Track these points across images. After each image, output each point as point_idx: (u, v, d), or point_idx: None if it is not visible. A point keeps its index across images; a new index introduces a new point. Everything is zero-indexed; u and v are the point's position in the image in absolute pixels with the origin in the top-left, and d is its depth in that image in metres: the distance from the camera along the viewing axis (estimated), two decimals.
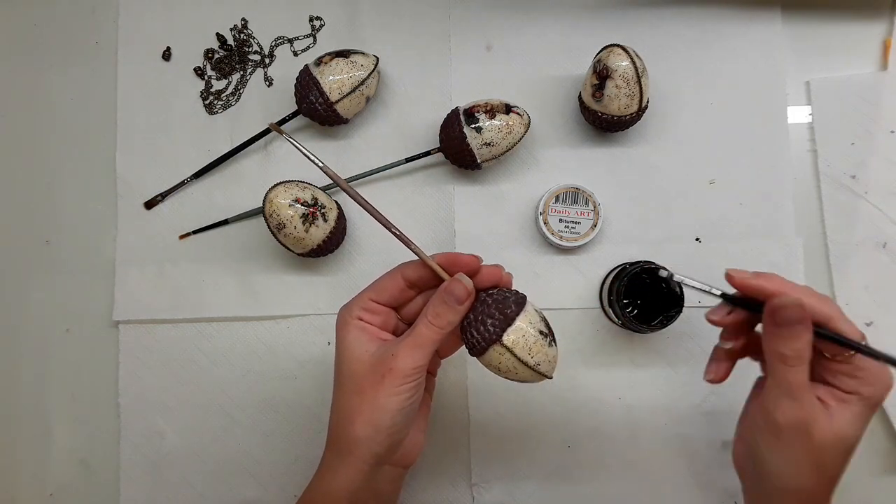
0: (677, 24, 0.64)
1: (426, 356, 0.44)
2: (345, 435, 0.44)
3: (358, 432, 0.43)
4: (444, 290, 0.44)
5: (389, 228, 0.46)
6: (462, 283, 0.44)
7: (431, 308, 0.44)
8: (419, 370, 0.43)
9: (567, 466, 0.62)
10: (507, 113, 0.58)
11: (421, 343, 0.44)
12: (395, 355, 0.43)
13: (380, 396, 0.43)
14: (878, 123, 0.62)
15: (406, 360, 0.43)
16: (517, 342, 0.43)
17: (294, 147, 0.44)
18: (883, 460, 0.61)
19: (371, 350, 0.44)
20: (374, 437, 0.43)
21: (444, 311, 0.44)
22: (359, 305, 0.46)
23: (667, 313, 0.56)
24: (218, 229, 0.64)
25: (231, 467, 0.63)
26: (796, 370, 0.42)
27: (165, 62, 0.66)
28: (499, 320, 0.44)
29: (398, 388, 0.43)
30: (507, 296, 0.45)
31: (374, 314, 0.46)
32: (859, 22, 0.64)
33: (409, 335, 0.44)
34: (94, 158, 0.65)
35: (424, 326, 0.44)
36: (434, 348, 0.44)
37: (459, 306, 0.44)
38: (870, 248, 0.62)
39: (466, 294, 0.44)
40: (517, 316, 0.44)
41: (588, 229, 0.61)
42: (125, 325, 0.63)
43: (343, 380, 0.45)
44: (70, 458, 0.63)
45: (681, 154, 0.63)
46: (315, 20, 0.66)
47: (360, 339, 0.45)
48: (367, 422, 0.43)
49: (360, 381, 0.44)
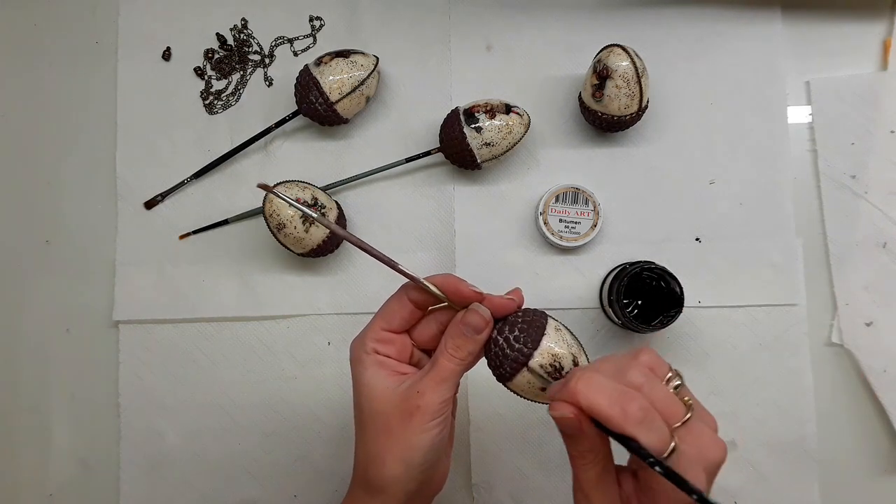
0: (677, 24, 0.64)
1: (452, 388, 0.43)
2: (376, 475, 0.43)
3: (390, 472, 0.42)
4: (462, 321, 0.43)
5: (394, 267, 0.43)
6: (479, 313, 0.43)
7: (451, 340, 0.43)
8: (446, 404, 0.42)
9: (567, 466, 0.61)
10: (507, 113, 0.58)
11: (445, 377, 0.42)
12: (420, 392, 0.42)
13: (410, 436, 0.42)
14: (878, 123, 0.62)
15: (433, 397, 0.42)
16: (544, 366, 0.42)
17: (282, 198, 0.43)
18: (883, 460, 0.61)
19: (392, 386, 0.43)
20: (406, 475, 0.42)
21: (464, 343, 0.43)
22: (372, 338, 0.44)
23: (667, 313, 0.56)
24: (218, 229, 0.64)
25: (231, 467, 0.63)
26: (584, 469, 0.40)
27: (165, 62, 0.66)
28: (525, 345, 0.42)
29: (428, 426, 0.42)
30: (530, 318, 0.43)
31: (388, 344, 0.45)
32: (859, 22, 0.64)
33: (432, 370, 0.43)
34: (94, 158, 0.65)
35: (446, 360, 0.43)
36: (458, 380, 0.43)
37: (479, 336, 0.43)
38: (870, 248, 0.62)
39: (485, 324, 0.43)
40: (542, 338, 0.42)
41: (588, 229, 0.61)
42: (125, 325, 0.64)
43: (366, 419, 0.43)
44: (70, 458, 0.63)
45: (681, 154, 0.63)
46: (315, 20, 0.66)
47: (379, 376, 0.43)
48: (399, 461, 0.42)
49: (387, 420, 0.42)
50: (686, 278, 0.56)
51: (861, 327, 0.61)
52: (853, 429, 0.61)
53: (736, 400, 0.61)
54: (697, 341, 0.62)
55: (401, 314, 0.44)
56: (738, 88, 0.64)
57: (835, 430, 0.60)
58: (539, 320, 0.43)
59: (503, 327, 0.43)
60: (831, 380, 0.61)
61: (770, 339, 0.61)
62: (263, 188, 0.44)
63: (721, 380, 0.61)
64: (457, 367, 0.43)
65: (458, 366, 0.43)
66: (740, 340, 0.61)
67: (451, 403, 0.43)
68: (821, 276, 0.62)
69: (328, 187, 0.63)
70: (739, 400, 0.61)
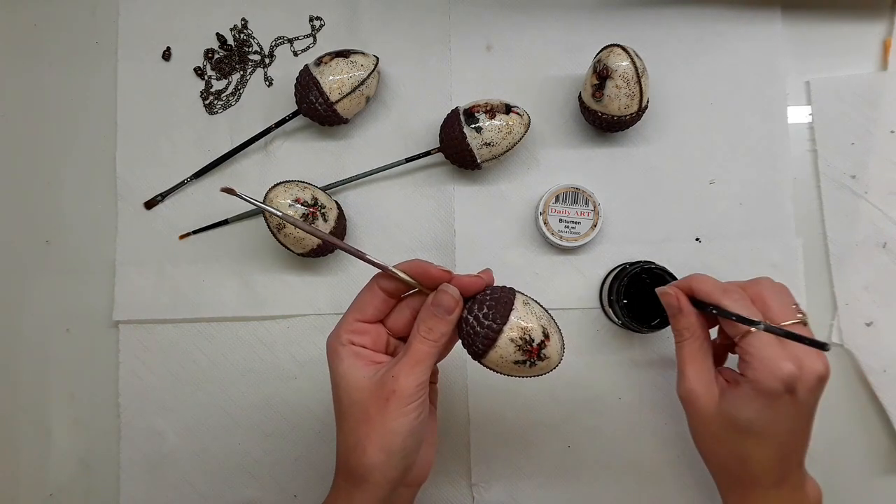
0: (677, 24, 0.64)
1: (426, 371, 0.43)
2: (357, 464, 0.43)
3: (371, 460, 0.42)
4: (433, 303, 0.43)
5: (361, 257, 0.44)
6: (448, 293, 0.43)
7: (423, 323, 0.43)
8: (422, 387, 0.43)
9: (567, 466, 0.62)
10: (507, 113, 0.58)
11: (419, 359, 0.43)
12: (395, 377, 0.42)
13: (388, 421, 0.42)
14: (878, 123, 0.62)
15: (408, 380, 0.42)
16: (514, 339, 0.43)
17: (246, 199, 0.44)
18: (883, 460, 0.61)
19: (368, 375, 0.43)
20: (387, 462, 0.43)
21: (436, 324, 0.43)
22: (346, 329, 0.45)
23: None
24: (218, 229, 0.64)
25: (231, 467, 0.63)
26: (682, 344, 0.48)
27: (165, 62, 0.66)
28: (494, 321, 0.43)
29: (405, 409, 0.42)
30: (498, 295, 0.44)
31: (363, 334, 0.45)
32: (859, 22, 0.64)
33: (406, 354, 0.43)
34: (94, 158, 0.65)
35: (419, 342, 0.43)
36: (433, 362, 0.44)
37: (450, 316, 0.43)
38: (870, 248, 0.62)
39: (455, 303, 0.43)
40: (510, 312, 0.43)
41: (588, 229, 0.61)
42: (125, 325, 0.64)
43: (345, 409, 0.44)
44: (70, 458, 0.63)
45: (681, 154, 0.63)
46: (315, 20, 0.66)
47: (355, 366, 0.44)
48: (380, 448, 0.42)
49: (365, 408, 0.43)
50: None
51: (861, 327, 0.61)
52: (853, 429, 0.61)
53: None
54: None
55: (373, 304, 0.45)
56: (738, 88, 0.64)
57: (835, 429, 0.60)
58: (506, 296, 0.44)
59: (472, 306, 0.44)
60: (831, 380, 0.61)
61: None
62: (228, 192, 0.45)
63: None
64: (430, 349, 0.43)
65: (432, 347, 0.43)
66: None
67: (426, 387, 0.44)
68: (821, 276, 0.62)
69: (328, 187, 0.63)
70: None
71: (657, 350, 0.62)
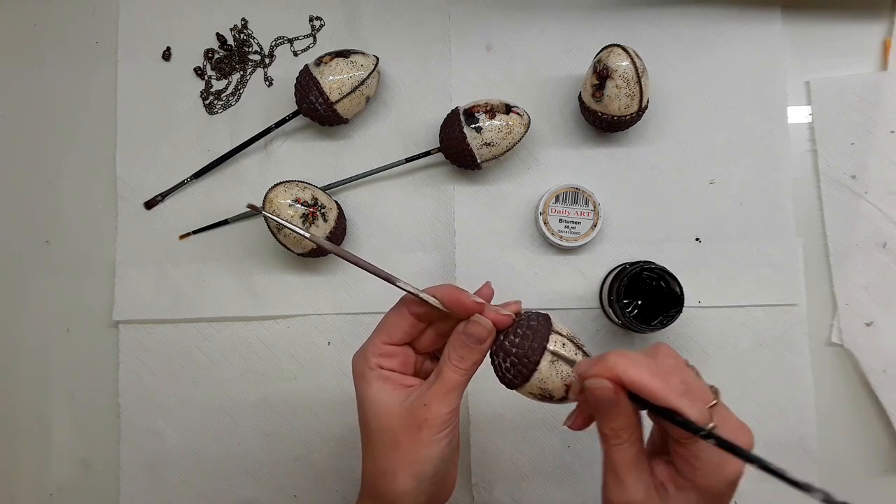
0: (677, 24, 0.64)
1: (458, 398, 0.43)
2: (387, 489, 0.42)
3: (402, 487, 0.42)
4: (465, 333, 0.43)
5: (394, 282, 0.43)
6: (481, 324, 0.43)
7: (454, 351, 0.43)
8: (453, 413, 0.42)
9: (567, 466, 0.62)
10: (507, 113, 0.58)
11: (451, 388, 0.42)
12: (427, 405, 0.42)
13: (419, 448, 0.42)
14: (878, 123, 0.62)
15: (440, 408, 0.42)
16: (551, 371, 0.42)
17: (277, 220, 0.44)
18: (883, 460, 0.61)
19: (398, 401, 0.42)
20: (418, 488, 0.42)
21: (468, 353, 0.43)
22: (374, 352, 0.44)
23: (667, 313, 0.56)
24: (218, 229, 0.64)
25: (231, 467, 0.63)
26: (617, 449, 0.39)
27: (165, 62, 0.66)
28: (527, 351, 0.42)
29: (437, 437, 0.42)
30: (533, 323, 0.42)
31: (392, 357, 0.44)
32: (859, 22, 0.64)
33: (437, 381, 0.42)
34: (94, 158, 0.65)
35: (451, 371, 0.42)
36: (464, 389, 0.43)
37: (482, 346, 0.43)
38: (870, 248, 0.62)
39: (487, 333, 0.43)
40: (547, 340, 0.42)
41: (588, 229, 0.61)
42: (125, 325, 0.64)
43: (374, 435, 0.43)
44: (70, 458, 0.63)
45: (681, 154, 0.63)
46: (315, 20, 0.66)
47: (384, 391, 0.43)
48: (411, 476, 0.42)
49: (394, 435, 0.42)
50: (686, 278, 0.56)
51: (861, 327, 0.61)
52: (853, 429, 0.61)
53: (736, 400, 0.60)
54: (697, 341, 0.61)
55: (402, 327, 0.44)
56: (738, 88, 0.64)
57: (835, 430, 0.60)
58: (541, 325, 0.42)
59: (507, 333, 0.43)
60: (831, 380, 0.61)
61: (770, 339, 0.61)
62: (253, 209, 0.45)
63: (721, 380, 0.60)
64: (462, 378, 0.43)
65: (463, 376, 0.43)
66: (740, 340, 0.61)
67: (457, 413, 0.43)
68: (821, 276, 0.62)
69: (328, 187, 0.63)
70: (739, 400, 0.61)
71: None
